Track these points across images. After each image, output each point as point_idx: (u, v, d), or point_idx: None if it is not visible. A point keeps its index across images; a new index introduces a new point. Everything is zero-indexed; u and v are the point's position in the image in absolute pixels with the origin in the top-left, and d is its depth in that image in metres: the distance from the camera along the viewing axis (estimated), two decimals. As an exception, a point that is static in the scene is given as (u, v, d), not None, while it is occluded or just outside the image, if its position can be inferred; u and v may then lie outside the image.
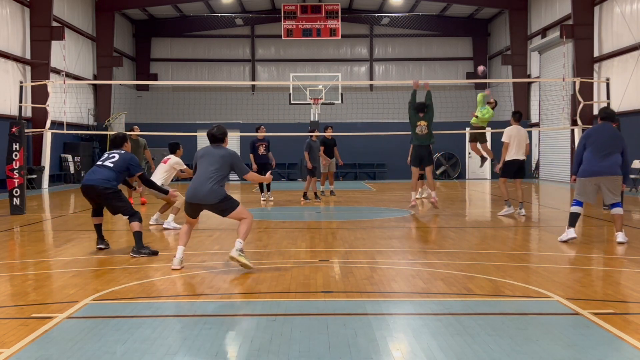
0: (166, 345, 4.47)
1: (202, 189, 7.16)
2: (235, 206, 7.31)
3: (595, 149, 8.94)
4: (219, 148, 7.44)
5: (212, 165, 7.22)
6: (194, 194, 7.22)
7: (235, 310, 5.71)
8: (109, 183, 8.34)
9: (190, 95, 31.94)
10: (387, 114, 28.57)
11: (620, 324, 4.90)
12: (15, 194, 13.65)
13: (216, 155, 7.30)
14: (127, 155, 8.63)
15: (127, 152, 8.71)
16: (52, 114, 16.45)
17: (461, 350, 4.33)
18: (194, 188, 7.23)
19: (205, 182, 7.16)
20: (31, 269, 7.56)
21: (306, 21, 30.61)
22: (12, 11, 22.49)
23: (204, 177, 7.19)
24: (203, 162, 7.32)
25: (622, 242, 8.88)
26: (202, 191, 7.15)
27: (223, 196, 7.23)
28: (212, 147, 7.49)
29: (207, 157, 7.33)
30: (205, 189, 7.14)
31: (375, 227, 11.39)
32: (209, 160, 7.28)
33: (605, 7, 22.86)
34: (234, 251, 7.16)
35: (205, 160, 7.31)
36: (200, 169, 7.31)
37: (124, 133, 9.13)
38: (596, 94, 22.81)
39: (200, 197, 7.18)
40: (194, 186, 7.24)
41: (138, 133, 15.61)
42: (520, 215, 12.69)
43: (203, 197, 7.17)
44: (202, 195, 7.16)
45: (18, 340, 4.53)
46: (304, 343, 4.50)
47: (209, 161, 7.27)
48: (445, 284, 6.40)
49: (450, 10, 32.66)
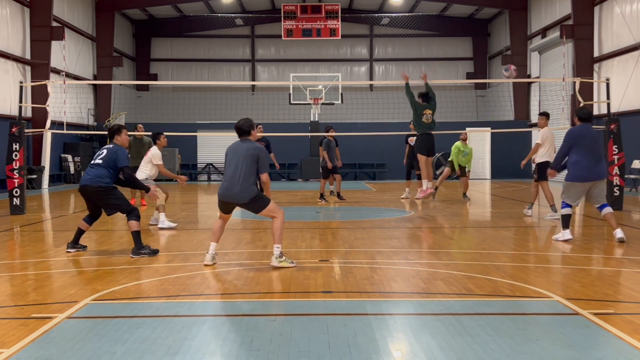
0: (166, 345, 4.47)
1: (233, 188, 7.24)
2: (267, 204, 7.33)
3: (588, 153, 9.02)
4: (245, 142, 7.42)
5: (239, 164, 7.25)
6: (226, 192, 7.30)
7: (235, 310, 5.71)
8: (101, 181, 8.15)
9: (190, 95, 31.95)
10: (387, 114, 28.58)
11: (620, 324, 4.90)
12: (15, 194, 13.65)
13: (242, 151, 7.29)
14: (115, 147, 8.37)
15: (115, 145, 8.45)
16: (52, 114, 16.44)
17: (461, 350, 4.33)
18: (225, 187, 7.31)
19: (236, 181, 7.22)
20: (31, 269, 7.55)
21: (306, 21, 30.62)
22: (12, 11, 22.49)
23: (234, 177, 7.25)
24: (232, 159, 7.34)
25: (622, 237, 8.92)
26: (233, 190, 7.23)
27: (254, 195, 7.26)
28: (240, 141, 7.46)
29: (234, 154, 7.34)
30: (237, 189, 7.21)
31: (375, 227, 11.39)
32: (237, 157, 7.30)
33: (605, 7, 22.86)
34: (274, 260, 7.27)
35: (233, 157, 7.33)
36: (230, 167, 7.34)
37: (118, 125, 8.82)
38: (596, 94, 22.81)
39: (232, 195, 7.27)
40: (225, 185, 7.32)
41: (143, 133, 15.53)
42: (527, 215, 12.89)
43: (234, 196, 7.26)
44: (233, 194, 7.25)
45: (18, 340, 4.53)
46: (304, 343, 4.50)
47: (236, 159, 7.29)
48: (445, 284, 6.40)
49: (450, 10, 32.66)
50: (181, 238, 10.15)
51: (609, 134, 13.88)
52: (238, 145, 7.43)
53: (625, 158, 14.14)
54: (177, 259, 8.02)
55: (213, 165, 30.09)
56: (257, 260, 7.88)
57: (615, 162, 13.77)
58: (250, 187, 7.24)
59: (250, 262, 7.79)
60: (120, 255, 8.35)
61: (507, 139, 28.51)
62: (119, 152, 8.32)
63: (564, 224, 9.22)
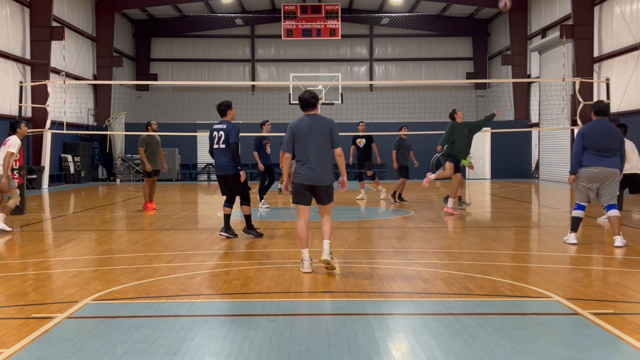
0: (166, 345, 4.47)
1: (320, 169, 6.83)
2: (332, 195, 7.08)
3: (597, 149, 8.61)
4: (316, 117, 6.97)
5: (322, 142, 6.84)
6: (311, 175, 6.85)
7: (235, 310, 5.71)
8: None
9: (190, 95, 31.95)
10: (387, 114, 28.57)
11: (620, 324, 4.90)
12: (15, 194, 13.62)
13: (322, 127, 6.85)
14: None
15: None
16: (52, 114, 16.45)
17: (461, 350, 4.33)
18: (310, 169, 6.84)
19: (323, 161, 6.83)
20: (31, 269, 7.56)
21: (306, 21, 30.61)
22: (12, 11, 22.49)
23: (319, 156, 6.82)
24: (310, 137, 6.84)
25: (620, 246, 8.59)
26: (320, 171, 6.83)
27: (332, 179, 6.97)
28: (308, 117, 6.98)
29: (312, 131, 6.85)
30: (324, 169, 6.84)
31: (375, 227, 11.39)
32: (316, 134, 6.84)
33: (605, 7, 22.86)
34: (327, 254, 6.94)
35: (311, 135, 6.84)
36: (310, 146, 6.84)
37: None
38: (596, 94, 22.79)
39: (318, 178, 6.86)
40: (307, 167, 6.84)
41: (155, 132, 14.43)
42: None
43: (320, 179, 6.86)
44: (319, 176, 6.85)
45: (18, 340, 4.53)
46: (304, 343, 4.50)
47: (316, 136, 6.84)
48: (445, 284, 6.40)
49: (450, 10, 32.66)
50: (181, 238, 10.15)
51: (609, 134, 13.84)
52: (312, 121, 6.91)
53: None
54: (177, 259, 8.02)
55: (213, 165, 30.06)
56: (258, 260, 7.88)
57: (615, 162, 13.73)
58: (331, 168, 6.87)
59: (252, 262, 7.79)
60: (120, 255, 8.35)
61: (507, 139, 28.51)
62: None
63: (572, 227, 8.94)
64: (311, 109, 7.02)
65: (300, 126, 6.95)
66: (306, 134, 6.88)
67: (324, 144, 6.87)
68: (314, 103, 7.01)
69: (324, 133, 6.88)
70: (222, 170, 9.53)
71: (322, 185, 6.91)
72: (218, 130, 9.54)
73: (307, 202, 7.04)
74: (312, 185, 6.91)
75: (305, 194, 6.99)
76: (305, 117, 7.02)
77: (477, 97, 33.67)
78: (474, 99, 33.49)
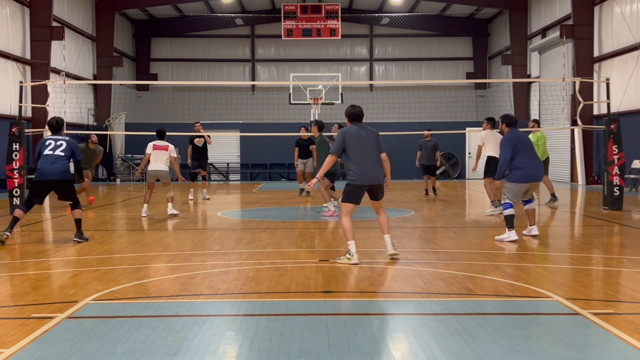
0: (166, 345, 4.47)
1: (375, 170, 7.77)
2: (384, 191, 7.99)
3: (531, 155, 9.39)
4: (365, 127, 7.93)
5: (374, 148, 7.82)
6: (368, 176, 7.71)
7: (235, 310, 5.71)
8: None
9: (190, 95, 31.95)
10: (387, 114, 28.57)
11: (620, 324, 4.90)
12: (15, 194, 13.65)
13: (372, 135, 7.87)
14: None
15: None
16: (52, 114, 16.43)
17: (461, 350, 4.33)
18: (366, 171, 7.70)
19: (377, 163, 7.79)
20: (31, 269, 7.55)
21: (306, 21, 30.61)
22: (12, 11, 22.49)
23: (373, 159, 7.78)
24: (364, 143, 7.77)
25: (537, 234, 9.57)
26: (376, 172, 7.77)
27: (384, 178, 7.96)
28: (359, 127, 7.90)
29: (365, 138, 7.80)
30: (378, 171, 7.80)
31: (375, 227, 11.38)
32: (368, 141, 7.81)
33: (605, 7, 22.86)
34: (392, 248, 7.83)
35: (364, 141, 7.78)
36: (360, 152, 7.72)
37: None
38: (596, 94, 22.81)
39: (374, 177, 7.75)
40: (363, 170, 7.69)
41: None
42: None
43: (377, 179, 7.79)
44: (375, 176, 7.76)
45: (18, 340, 4.53)
46: (304, 343, 4.50)
47: (369, 143, 7.80)
48: (445, 284, 6.40)
49: (450, 10, 32.65)
50: (181, 238, 10.15)
51: (609, 134, 13.87)
52: (363, 130, 7.86)
53: (625, 158, 14.13)
54: (177, 259, 8.02)
55: (213, 165, 30.06)
56: (257, 260, 7.88)
57: (615, 162, 13.76)
58: (382, 169, 7.84)
59: (251, 262, 7.78)
60: (120, 255, 8.35)
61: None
62: None
63: (509, 225, 9.29)
64: (360, 122, 8.00)
65: (353, 134, 7.84)
66: (362, 141, 7.82)
67: (374, 148, 7.86)
68: (363, 116, 8.06)
69: (375, 140, 7.91)
70: (56, 175, 9.53)
71: (378, 184, 7.84)
72: (56, 140, 9.73)
73: (359, 202, 7.90)
74: (371, 185, 7.77)
75: (361, 195, 7.85)
76: (354, 126, 7.94)
77: (477, 97, 33.67)
78: (474, 99, 33.48)
